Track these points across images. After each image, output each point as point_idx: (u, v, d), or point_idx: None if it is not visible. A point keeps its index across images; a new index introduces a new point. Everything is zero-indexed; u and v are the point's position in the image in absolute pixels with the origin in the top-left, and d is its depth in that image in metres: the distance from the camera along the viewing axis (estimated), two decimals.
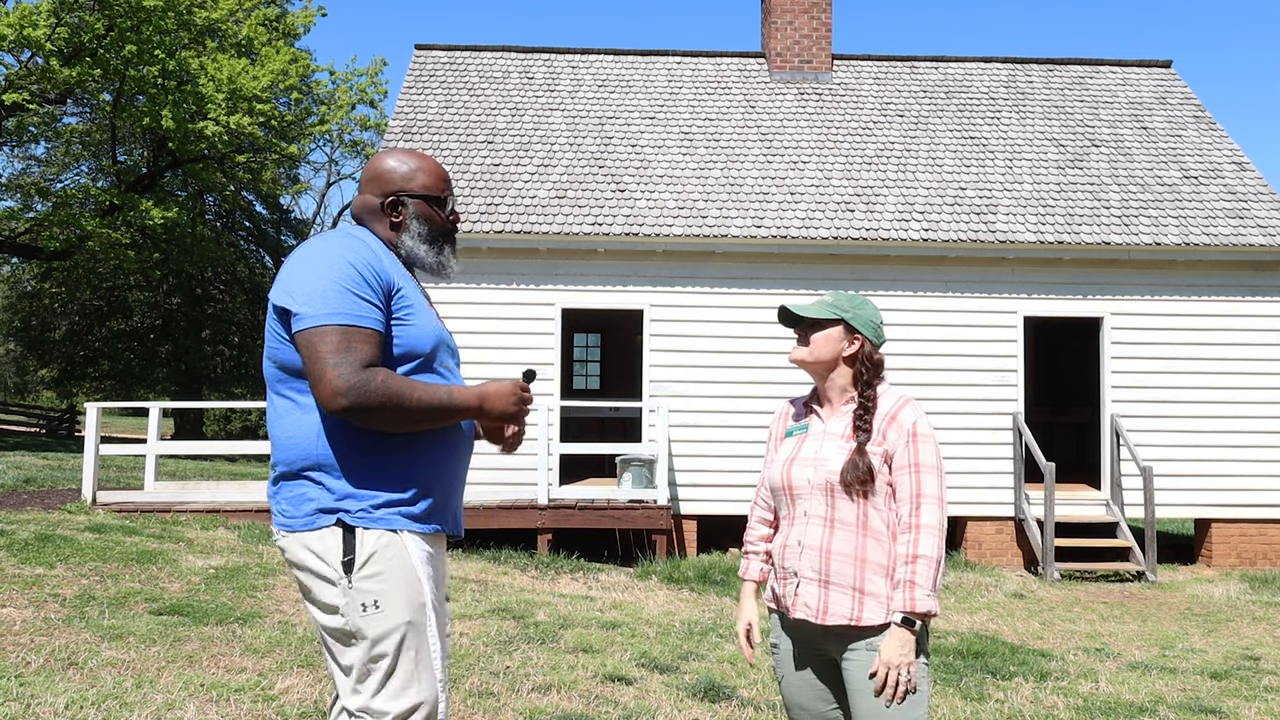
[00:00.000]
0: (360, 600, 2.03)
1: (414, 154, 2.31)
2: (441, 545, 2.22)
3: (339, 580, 2.04)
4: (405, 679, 2.05)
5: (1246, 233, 11.54)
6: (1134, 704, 5.08)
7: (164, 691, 4.14)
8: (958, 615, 8.23)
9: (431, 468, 2.15)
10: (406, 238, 2.25)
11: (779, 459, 2.52)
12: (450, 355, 2.25)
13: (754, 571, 2.61)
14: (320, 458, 2.07)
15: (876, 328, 2.53)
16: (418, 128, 12.97)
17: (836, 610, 2.35)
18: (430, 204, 2.27)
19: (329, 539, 2.05)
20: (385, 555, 2.05)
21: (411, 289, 2.18)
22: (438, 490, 2.16)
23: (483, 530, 9.93)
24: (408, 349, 2.12)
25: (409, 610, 2.06)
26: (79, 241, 21.12)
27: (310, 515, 2.07)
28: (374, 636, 2.04)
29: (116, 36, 18.85)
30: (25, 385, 38.99)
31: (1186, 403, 11.37)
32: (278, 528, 2.13)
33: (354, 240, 2.14)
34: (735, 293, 11.36)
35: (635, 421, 13.14)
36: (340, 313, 2.01)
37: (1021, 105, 13.95)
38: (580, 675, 4.99)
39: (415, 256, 2.26)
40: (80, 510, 9.67)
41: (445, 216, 2.31)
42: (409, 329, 2.12)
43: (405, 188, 2.26)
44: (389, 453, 2.09)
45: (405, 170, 2.27)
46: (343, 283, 2.03)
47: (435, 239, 2.28)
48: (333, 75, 24.91)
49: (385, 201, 2.25)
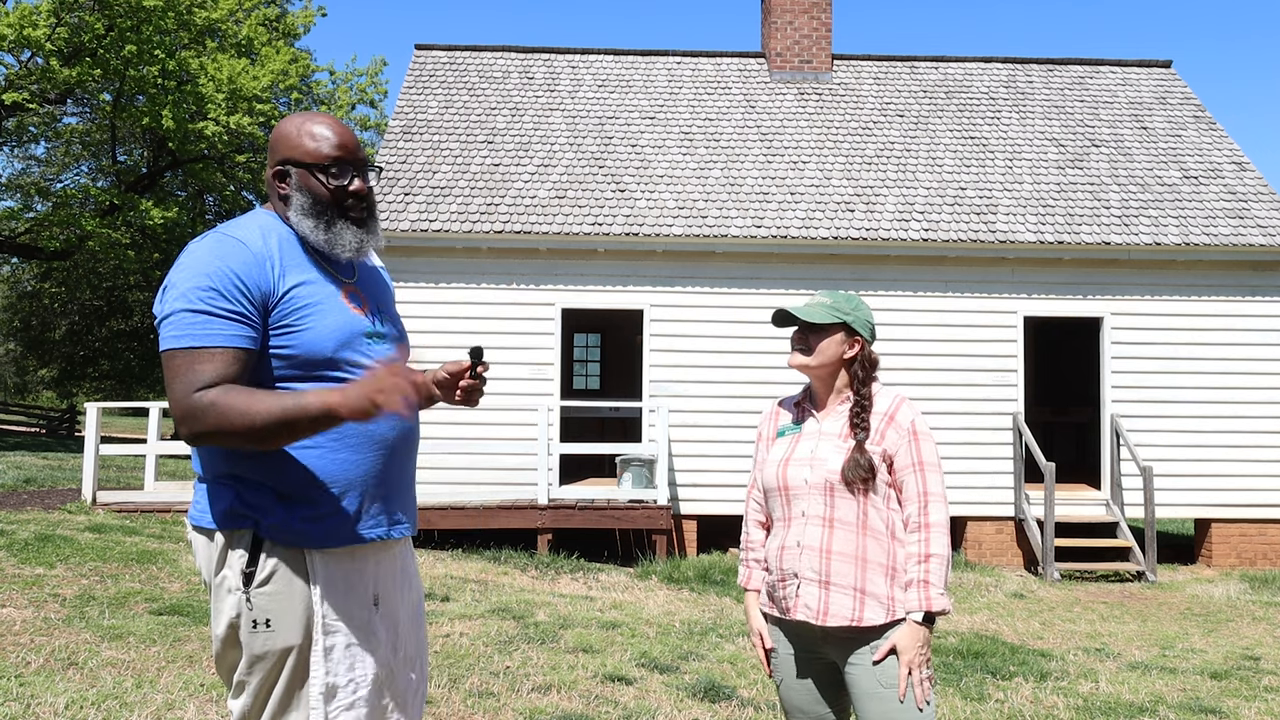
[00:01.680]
0: (253, 616, 1.92)
1: (311, 116, 2.07)
2: (371, 550, 2.04)
3: (235, 590, 1.93)
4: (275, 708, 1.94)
5: (1246, 233, 11.54)
6: (1134, 704, 5.08)
7: (164, 691, 4.14)
8: (958, 615, 8.23)
9: (345, 472, 1.98)
10: (293, 213, 2.01)
11: (772, 459, 2.49)
12: (376, 342, 2.05)
13: (756, 581, 2.59)
14: (233, 467, 1.95)
15: (872, 327, 2.52)
16: (418, 128, 12.97)
17: (838, 611, 2.34)
18: (312, 172, 2.00)
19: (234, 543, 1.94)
20: (283, 570, 1.93)
21: (312, 284, 1.98)
22: (351, 497, 1.99)
23: (483, 530, 9.93)
24: (304, 354, 1.94)
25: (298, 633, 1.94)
26: (79, 241, 21.12)
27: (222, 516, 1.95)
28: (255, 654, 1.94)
29: (116, 36, 18.86)
30: (25, 385, 39.00)
31: (1186, 403, 11.37)
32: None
33: (222, 244, 1.92)
34: (735, 293, 11.36)
35: (635, 421, 13.13)
36: (183, 335, 1.86)
37: (1021, 105, 13.94)
38: (580, 675, 4.99)
39: (303, 231, 2.01)
40: (80, 510, 9.67)
41: (329, 186, 2.01)
42: (302, 333, 1.93)
43: (290, 155, 2.02)
44: (296, 461, 1.94)
45: (292, 136, 2.02)
46: (192, 301, 1.86)
47: (320, 213, 2.00)
48: (333, 75, 24.94)
49: (273, 172, 2.04)
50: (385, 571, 2.08)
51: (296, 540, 1.94)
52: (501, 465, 10.72)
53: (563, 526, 9.98)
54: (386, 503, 2.05)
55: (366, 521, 2.01)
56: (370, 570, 2.04)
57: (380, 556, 2.07)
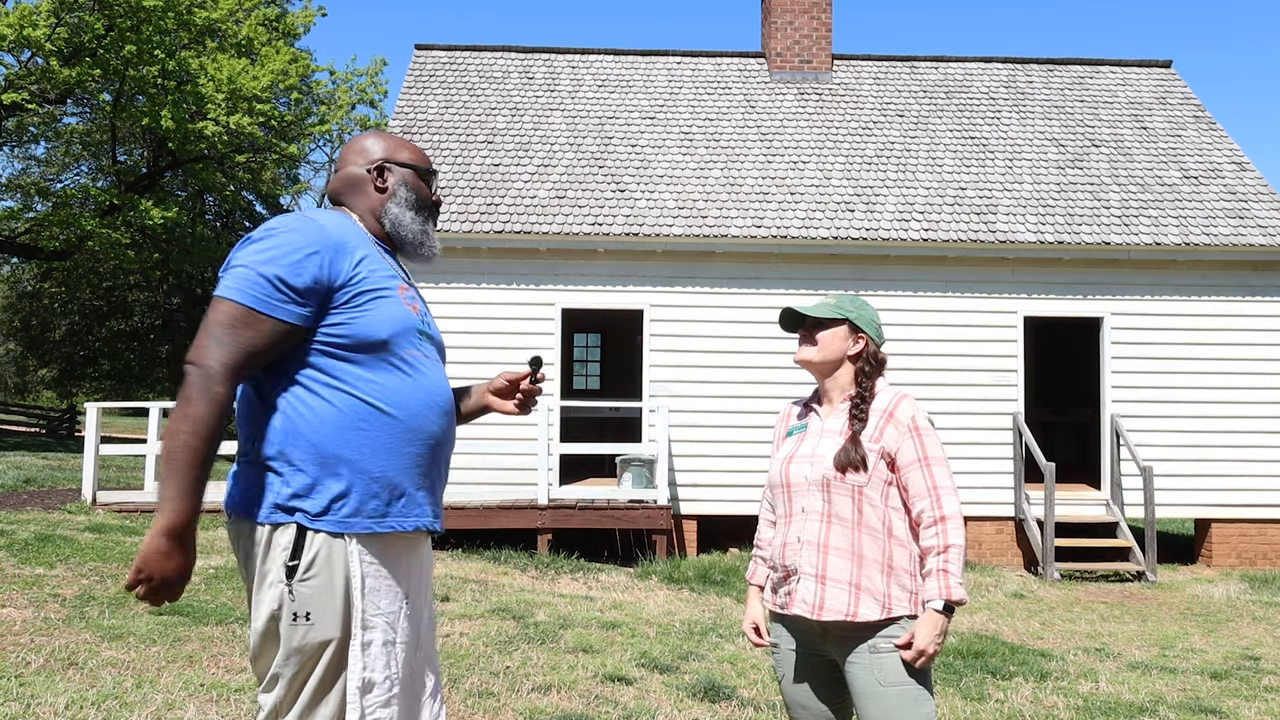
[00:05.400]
0: (294, 609, 1.93)
1: (395, 136, 2.30)
2: (406, 546, 2.08)
3: (279, 582, 1.95)
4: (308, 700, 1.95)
5: (1246, 233, 11.54)
6: (1134, 704, 5.08)
7: (164, 691, 4.14)
8: (958, 615, 8.23)
9: (389, 459, 2.01)
10: (393, 204, 2.19)
11: (779, 457, 2.55)
12: (426, 342, 2.13)
13: (760, 576, 2.65)
14: (282, 446, 1.97)
15: (878, 327, 2.59)
16: (418, 128, 12.96)
17: (833, 606, 2.36)
18: (417, 175, 2.25)
19: (280, 536, 1.95)
20: (326, 562, 1.94)
21: (377, 273, 2.06)
22: (399, 485, 2.02)
23: (483, 530, 9.93)
24: (357, 338, 1.99)
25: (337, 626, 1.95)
26: (79, 241, 21.12)
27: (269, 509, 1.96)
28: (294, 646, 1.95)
29: (116, 36, 18.85)
30: (25, 385, 39.00)
31: (1186, 403, 11.37)
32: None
33: (303, 222, 2.02)
34: (735, 293, 11.36)
35: (635, 421, 13.13)
36: (241, 291, 1.91)
37: (1021, 105, 13.94)
38: (580, 675, 4.99)
39: (400, 224, 2.18)
40: (80, 510, 9.66)
41: (430, 191, 2.27)
42: (364, 315, 1.99)
43: (392, 157, 2.23)
44: (348, 443, 1.97)
45: (389, 144, 2.25)
46: (261, 264, 1.93)
47: (421, 208, 2.23)
48: (333, 75, 24.92)
49: (372, 166, 2.20)
50: (414, 570, 2.11)
51: (341, 527, 1.95)
52: (501, 465, 10.72)
53: (563, 526, 9.98)
54: (428, 495, 2.10)
55: (413, 510, 2.05)
56: (403, 567, 2.06)
57: (411, 555, 2.09)
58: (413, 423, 2.04)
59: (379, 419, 1.99)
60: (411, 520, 2.04)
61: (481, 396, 2.39)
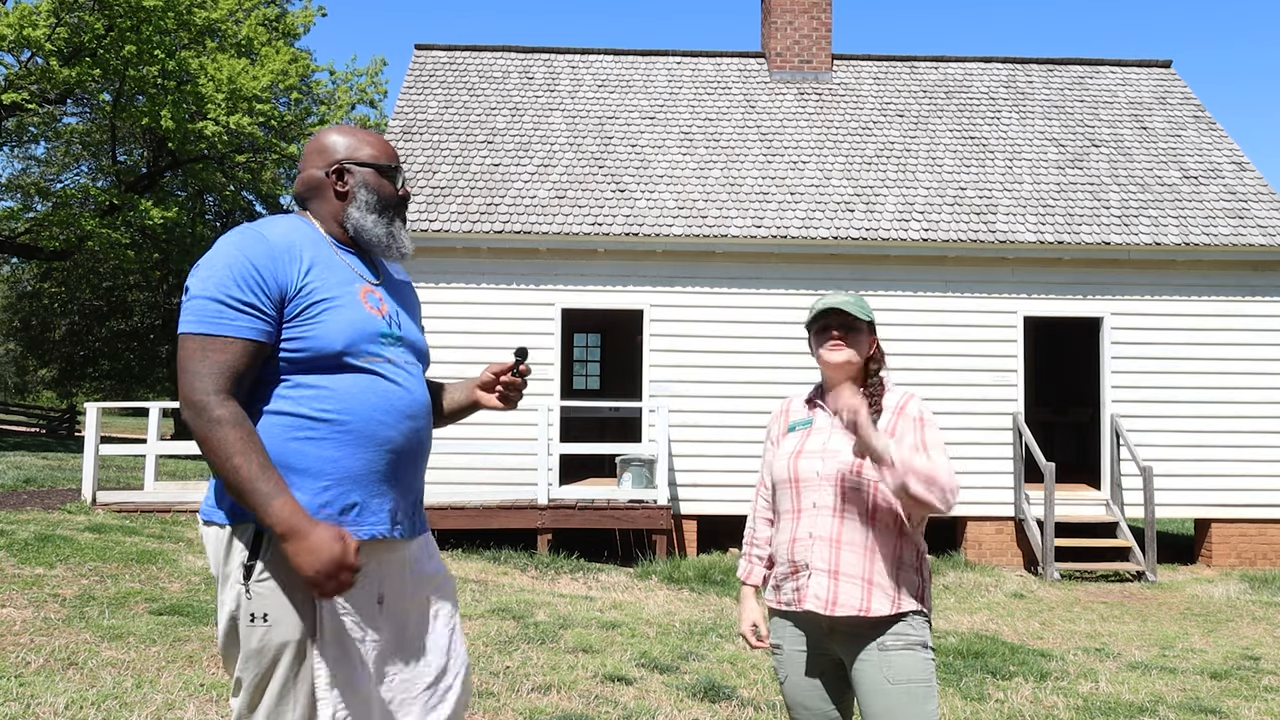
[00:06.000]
0: (250, 609, 1.93)
1: (358, 129, 2.21)
2: (373, 549, 2.05)
3: (237, 583, 1.95)
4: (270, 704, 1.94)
5: (1246, 233, 11.54)
6: (1134, 704, 5.08)
7: (164, 691, 4.14)
8: (958, 615, 8.23)
9: (366, 470, 2.01)
10: (353, 209, 2.14)
11: (783, 453, 2.52)
12: (393, 345, 2.10)
13: (756, 576, 2.64)
14: None
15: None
16: (418, 128, 12.96)
17: (846, 601, 2.36)
18: (379, 173, 2.17)
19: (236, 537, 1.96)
20: (282, 562, 1.92)
21: (329, 280, 2.03)
22: (352, 494, 2.00)
23: (483, 530, 9.93)
24: (313, 351, 1.98)
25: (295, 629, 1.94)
26: (79, 241, 21.12)
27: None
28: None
29: (116, 36, 18.86)
30: (25, 385, 38.99)
31: (1186, 403, 11.37)
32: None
33: (245, 237, 1.99)
34: (735, 293, 11.36)
35: (635, 421, 13.13)
36: (198, 320, 1.92)
37: (1021, 105, 13.94)
38: (580, 675, 4.99)
39: (362, 228, 2.13)
40: (80, 510, 9.66)
41: (395, 188, 2.20)
42: (315, 327, 1.98)
43: (352, 156, 2.16)
44: (301, 454, 1.97)
45: (350, 142, 2.18)
46: (211, 289, 1.93)
47: (384, 209, 2.16)
48: (333, 75, 24.92)
49: (330, 169, 2.14)
50: (390, 571, 2.09)
51: None
52: (501, 465, 10.72)
53: (563, 526, 9.98)
54: (387, 503, 2.07)
55: (367, 519, 2.02)
56: (373, 569, 2.05)
57: (383, 556, 2.08)
58: (366, 430, 2.01)
59: (327, 429, 1.98)
60: (366, 529, 2.02)
61: (471, 392, 2.37)
